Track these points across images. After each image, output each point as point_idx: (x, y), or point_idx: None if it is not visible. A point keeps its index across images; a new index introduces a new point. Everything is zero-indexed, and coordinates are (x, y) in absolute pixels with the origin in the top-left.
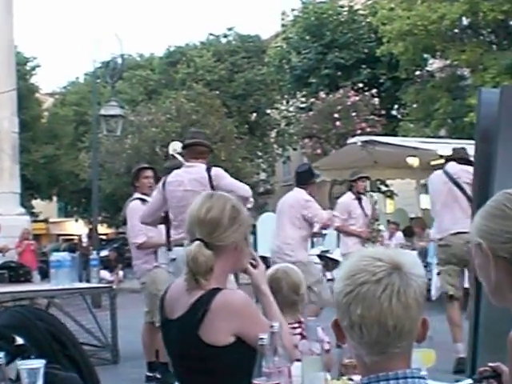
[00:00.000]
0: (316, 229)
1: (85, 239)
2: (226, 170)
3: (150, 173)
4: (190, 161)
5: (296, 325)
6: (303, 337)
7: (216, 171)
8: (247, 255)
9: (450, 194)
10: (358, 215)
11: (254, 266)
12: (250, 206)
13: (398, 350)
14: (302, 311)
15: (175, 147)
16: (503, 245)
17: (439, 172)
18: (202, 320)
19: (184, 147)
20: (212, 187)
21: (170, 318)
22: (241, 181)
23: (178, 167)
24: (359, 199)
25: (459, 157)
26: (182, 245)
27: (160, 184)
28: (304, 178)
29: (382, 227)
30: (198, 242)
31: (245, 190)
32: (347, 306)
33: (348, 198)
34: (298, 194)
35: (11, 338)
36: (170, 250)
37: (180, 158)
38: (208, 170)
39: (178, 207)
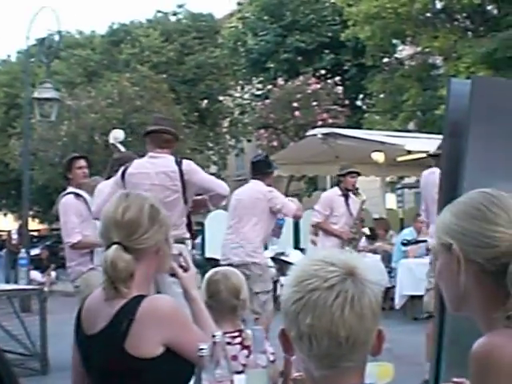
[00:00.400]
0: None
1: (14, 236)
2: None
3: (83, 162)
4: (155, 151)
5: (236, 334)
6: (244, 347)
7: (188, 164)
8: (170, 257)
9: None
10: (341, 214)
11: (185, 269)
12: (224, 202)
13: (350, 364)
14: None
15: (116, 136)
16: (478, 249)
17: (435, 170)
18: (128, 331)
19: (146, 134)
20: (183, 182)
21: (90, 333)
22: None
23: (131, 159)
24: (346, 196)
25: None
26: None
27: (118, 175)
28: (260, 169)
29: (366, 230)
30: (115, 246)
31: (222, 187)
32: (296, 314)
33: (333, 192)
34: (256, 185)
35: None
36: None
37: (121, 147)
38: (178, 162)
39: None
